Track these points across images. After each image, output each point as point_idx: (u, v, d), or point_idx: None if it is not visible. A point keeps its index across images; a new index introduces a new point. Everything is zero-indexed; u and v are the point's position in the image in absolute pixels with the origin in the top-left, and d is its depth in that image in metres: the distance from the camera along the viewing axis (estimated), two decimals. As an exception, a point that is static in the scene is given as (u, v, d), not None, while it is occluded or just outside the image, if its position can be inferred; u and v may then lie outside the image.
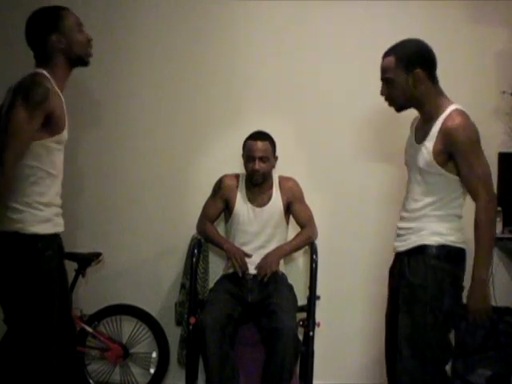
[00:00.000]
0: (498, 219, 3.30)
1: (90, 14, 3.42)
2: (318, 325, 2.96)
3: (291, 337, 2.72)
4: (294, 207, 3.17)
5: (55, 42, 2.23)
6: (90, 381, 3.34)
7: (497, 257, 3.41)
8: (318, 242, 3.12)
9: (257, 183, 3.09)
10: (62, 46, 2.24)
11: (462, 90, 3.43)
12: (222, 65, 3.46)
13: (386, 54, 2.33)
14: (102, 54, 3.37)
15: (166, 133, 3.47)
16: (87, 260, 3.19)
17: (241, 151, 3.14)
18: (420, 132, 2.35)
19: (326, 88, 3.45)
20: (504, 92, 3.36)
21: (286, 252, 3.12)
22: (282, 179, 3.18)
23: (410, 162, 2.38)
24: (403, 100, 2.31)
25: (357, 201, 3.43)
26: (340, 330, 3.40)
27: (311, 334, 2.91)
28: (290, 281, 3.14)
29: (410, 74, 2.26)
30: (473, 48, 3.41)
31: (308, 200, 3.20)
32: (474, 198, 2.24)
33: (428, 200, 2.29)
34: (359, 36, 3.43)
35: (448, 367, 3.02)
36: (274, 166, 3.15)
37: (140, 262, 3.44)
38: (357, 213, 3.43)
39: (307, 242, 3.16)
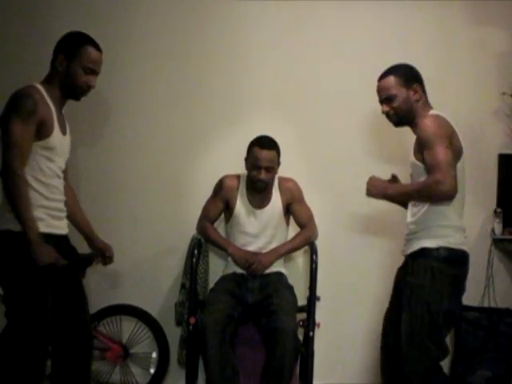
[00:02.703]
0: (498, 220, 3.30)
1: (89, 14, 3.44)
2: (318, 325, 2.96)
3: (291, 337, 2.73)
4: (293, 208, 3.16)
5: (58, 61, 2.35)
6: (90, 381, 3.34)
7: (497, 258, 3.42)
8: (318, 242, 3.12)
9: (259, 191, 3.08)
10: (60, 70, 2.36)
11: (462, 91, 3.45)
12: (221, 65, 3.46)
13: (383, 76, 2.49)
14: (103, 53, 3.38)
15: (166, 133, 3.47)
16: (87, 260, 3.18)
17: (241, 151, 3.13)
18: None
19: (326, 88, 3.45)
20: (504, 93, 3.36)
21: (282, 253, 3.11)
22: (281, 180, 3.17)
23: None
24: (405, 113, 2.46)
25: (357, 201, 3.41)
26: (340, 331, 3.40)
27: (311, 334, 2.91)
28: (290, 281, 3.13)
29: (410, 88, 2.44)
30: (473, 49, 3.42)
31: (308, 200, 3.19)
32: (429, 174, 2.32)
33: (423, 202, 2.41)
34: (359, 37, 3.44)
35: (447, 368, 3.05)
36: (276, 173, 3.13)
37: (140, 262, 3.44)
38: (357, 213, 3.43)
39: (306, 243, 3.15)
